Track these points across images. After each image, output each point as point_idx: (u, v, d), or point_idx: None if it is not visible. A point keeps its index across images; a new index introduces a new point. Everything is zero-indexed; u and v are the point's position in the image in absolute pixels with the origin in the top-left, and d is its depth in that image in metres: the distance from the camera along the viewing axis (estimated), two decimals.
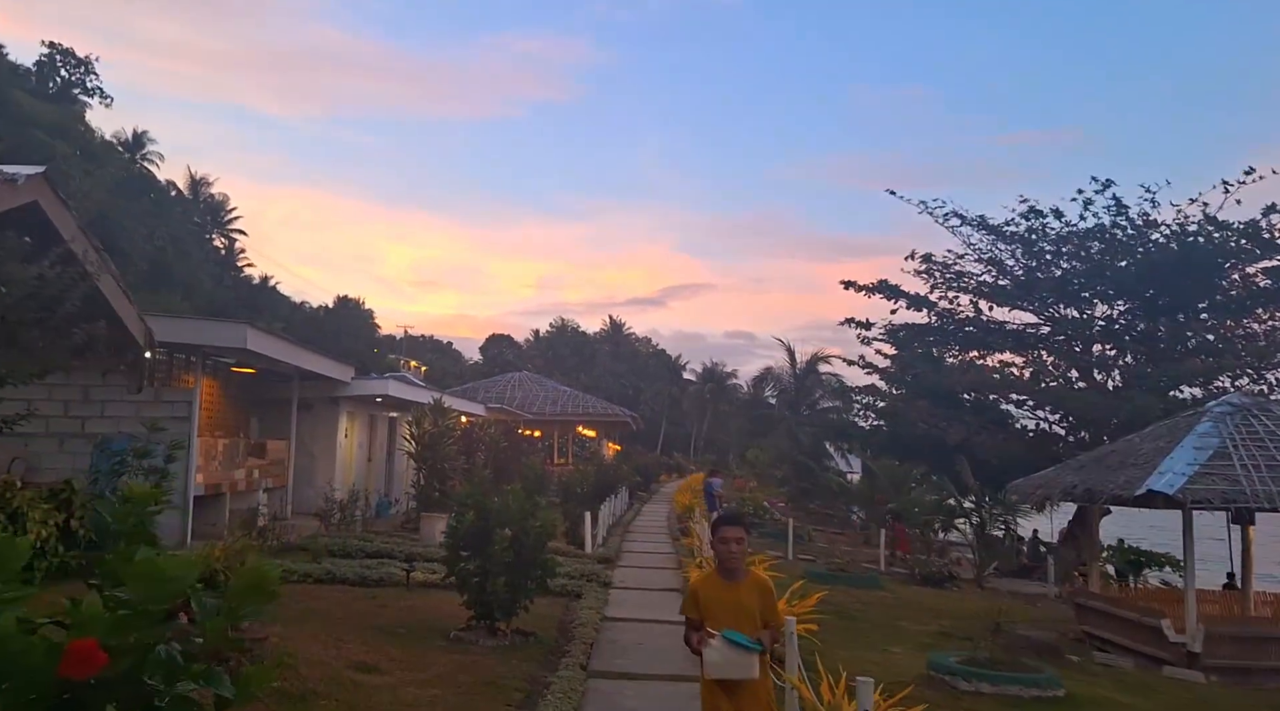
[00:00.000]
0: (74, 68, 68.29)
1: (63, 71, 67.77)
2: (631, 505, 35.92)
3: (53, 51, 66.25)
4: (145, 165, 74.39)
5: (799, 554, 24.53)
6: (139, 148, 75.13)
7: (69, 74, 67.99)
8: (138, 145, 75.04)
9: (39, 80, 64.06)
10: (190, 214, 77.21)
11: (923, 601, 17.87)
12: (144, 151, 75.40)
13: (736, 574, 5.35)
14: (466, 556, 9.99)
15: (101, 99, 70.84)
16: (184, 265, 60.55)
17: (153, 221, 55.21)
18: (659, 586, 15.52)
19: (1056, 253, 26.14)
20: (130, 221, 42.34)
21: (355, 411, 22.06)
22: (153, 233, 44.61)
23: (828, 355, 61.57)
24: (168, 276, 55.29)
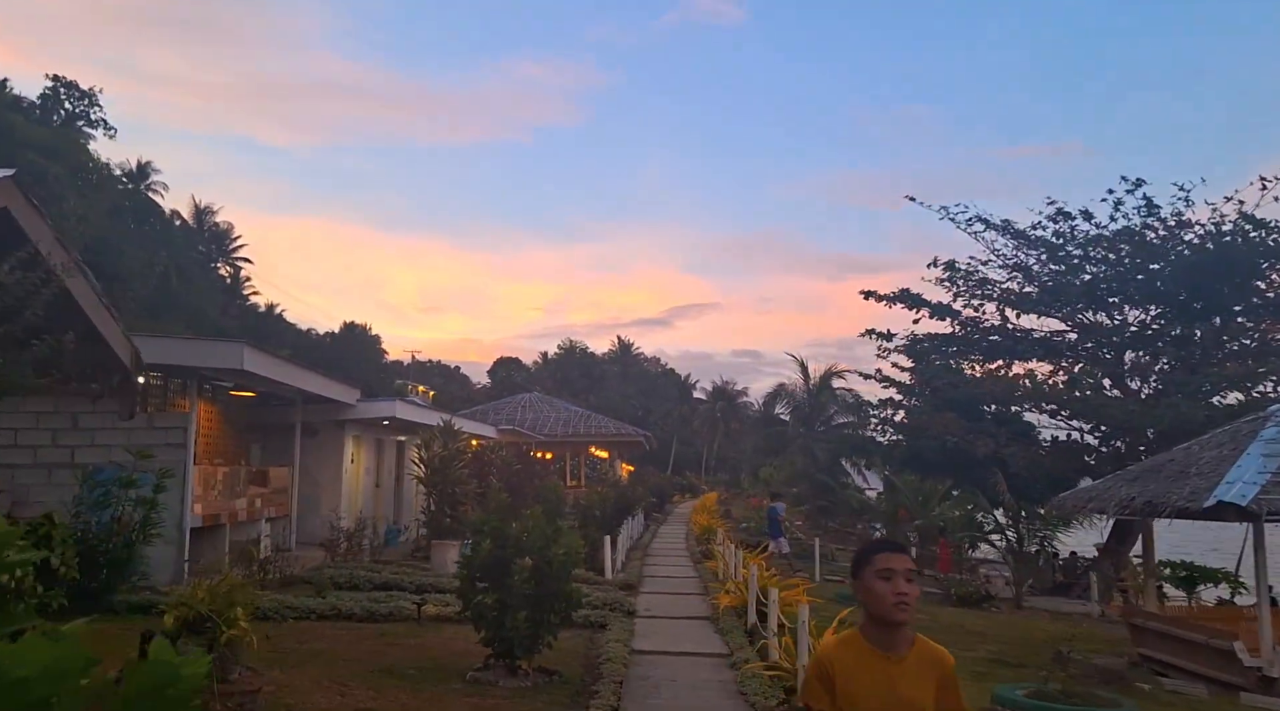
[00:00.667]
0: (77, 100, 68.07)
1: (66, 104, 67.55)
2: (648, 527, 34.95)
3: (56, 84, 66.04)
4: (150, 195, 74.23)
5: (825, 574, 23.55)
6: (143, 178, 74.87)
7: (73, 106, 67.78)
8: (142, 175, 74.76)
9: (43, 113, 63.82)
10: (195, 242, 76.97)
11: (964, 624, 16.89)
12: (148, 181, 75.20)
13: (900, 641, 3.27)
14: (483, 588, 9.10)
15: (105, 130, 70.58)
16: (189, 293, 60.13)
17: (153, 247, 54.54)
18: (686, 614, 14.57)
19: (1084, 257, 25.21)
20: (131, 247, 41.65)
21: (361, 436, 21.20)
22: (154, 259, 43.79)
23: (841, 370, 60.60)
24: (173, 304, 54.82)
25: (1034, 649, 14.45)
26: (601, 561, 18.27)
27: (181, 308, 54.22)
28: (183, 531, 13.37)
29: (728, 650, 11.47)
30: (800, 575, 22.60)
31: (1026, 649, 14.38)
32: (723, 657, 11.07)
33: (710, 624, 13.55)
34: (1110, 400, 23.30)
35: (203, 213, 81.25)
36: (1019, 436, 27.71)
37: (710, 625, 13.46)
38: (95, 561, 9.29)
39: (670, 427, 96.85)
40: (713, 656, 11.20)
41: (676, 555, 25.05)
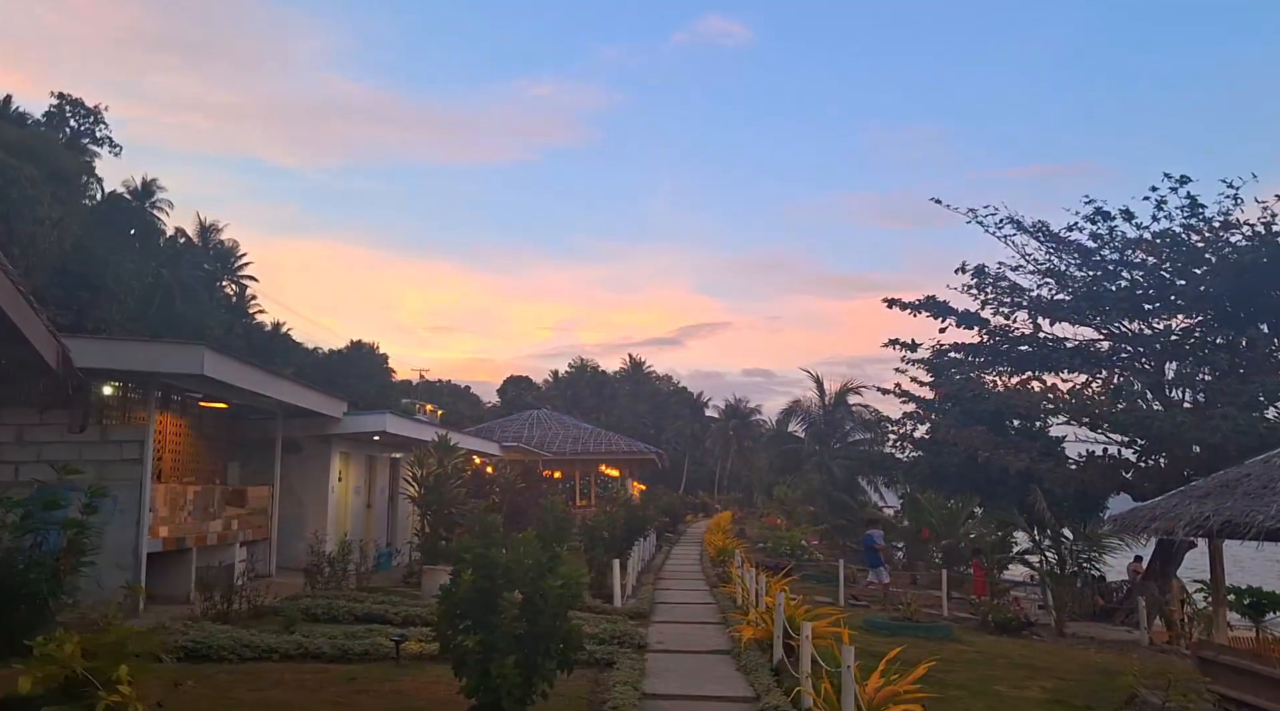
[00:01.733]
0: (83, 118, 67.43)
1: (72, 122, 66.91)
2: (660, 548, 33.43)
3: (62, 102, 65.38)
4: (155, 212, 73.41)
5: (850, 597, 21.99)
6: (148, 196, 74.11)
7: (78, 124, 67.13)
8: (147, 193, 73.86)
9: (49, 130, 63.10)
10: (200, 260, 76.09)
11: (1007, 654, 15.31)
12: (153, 199, 74.44)
13: None
14: (465, 627, 7.62)
15: (111, 148, 69.98)
16: (193, 311, 59.20)
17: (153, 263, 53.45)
18: (704, 647, 13.06)
19: (1121, 261, 23.69)
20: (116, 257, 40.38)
21: (351, 452, 19.80)
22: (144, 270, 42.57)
23: (858, 386, 59.02)
24: (176, 323, 53.79)
25: (1093, 686, 12.89)
26: (610, 587, 16.79)
27: (184, 326, 53.16)
28: (138, 557, 11.97)
29: (753, 692, 9.99)
30: (822, 600, 21.07)
31: (1085, 686, 12.83)
32: (749, 703, 9.58)
33: (731, 660, 12.05)
34: (1155, 412, 21.72)
35: (207, 230, 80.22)
36: (1047, 452, 26.20)
37: (731, 661, 11.96)
38: (9, 596, 7.87)
39: (682, 446, 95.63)
40: (737, 702, 9.72)
41: (691, 578, 23.53)
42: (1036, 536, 20.65)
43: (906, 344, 27.62)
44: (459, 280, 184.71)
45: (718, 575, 22.64)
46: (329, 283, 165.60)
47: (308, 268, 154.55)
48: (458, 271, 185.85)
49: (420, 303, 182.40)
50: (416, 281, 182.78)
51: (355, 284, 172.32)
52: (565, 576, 7.80)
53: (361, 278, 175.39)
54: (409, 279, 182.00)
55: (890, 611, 18.58)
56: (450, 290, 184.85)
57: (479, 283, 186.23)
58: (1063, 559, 19.11)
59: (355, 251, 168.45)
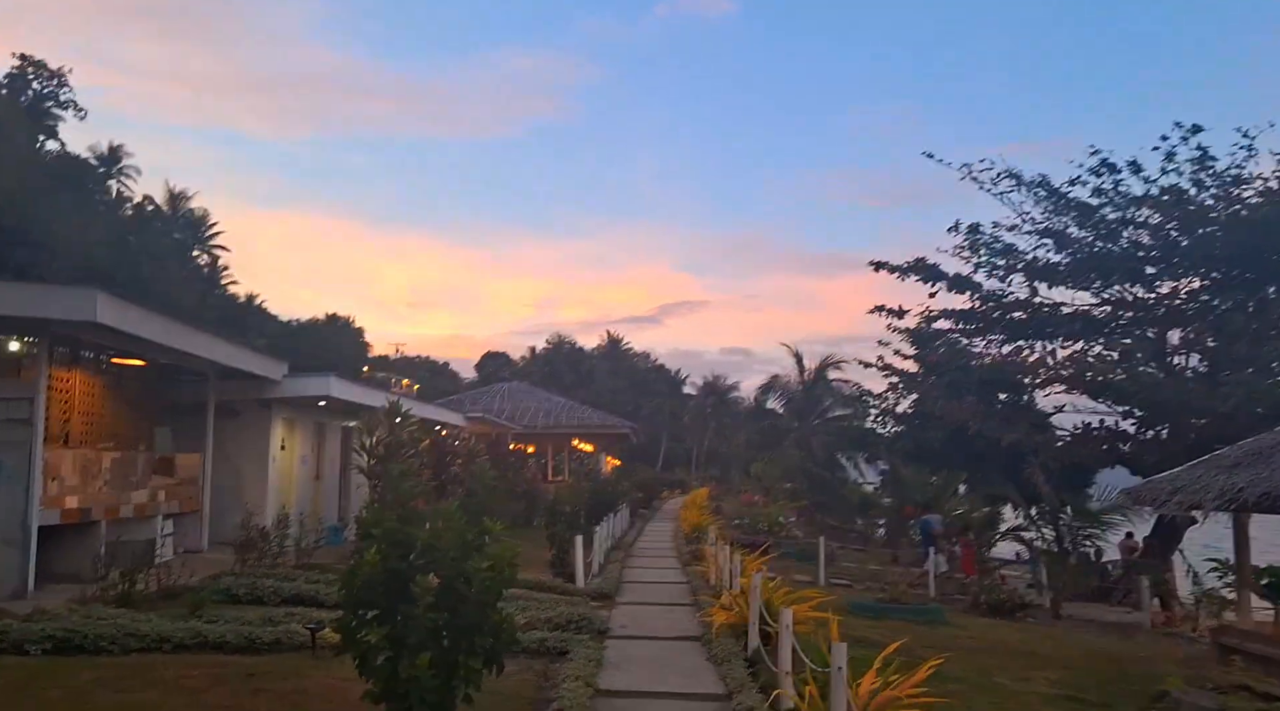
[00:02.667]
0: (46, 80, 65.00)
1: (35, 84, 64.51)
2: (633, 524, 32.15)
3: (24, 64, 62.90)
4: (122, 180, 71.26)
5: (831, 577, 20.72)
6: (115, 162, 72.01)
7: (41, 86, 64.74)
8: (113, 160, 71.80)
9: (10, 93, 60.80)
10: (170, 229, 74.08)
11: (1004, 640, 14.07)
12: (120, 166, 72.32)
13: None
14: (371, 618, 6.21)
15: (75, 112, 67.67)
16: (162, 281, 57.42)
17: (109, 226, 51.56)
18: (672, 633, 11.71)
19: (1123, 221, 22.34)
20: (54, 210, 38.38)
21: (296, 419, 18.28)
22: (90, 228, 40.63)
23: (838, 361, 57.82)
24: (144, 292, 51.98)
25: (1103, 677, 11.64)
26: (572, 565, 15.42)
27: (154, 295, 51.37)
28: (27, 530, 10.48)
29: (724, 688, 8.65)
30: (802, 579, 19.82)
31: (1095, 677, 11.57)
32: (719, 702, 8.24)
33: (701, 648, 10.71)
34: (1162, 379, 20.43)
35: (177, 198, 78.15)
36: (1037, 425, 25.00)
37: (702, 650, 10.61)
38: None
39: (660, 423, 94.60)
40: (706, 699, 8.37)
41: (663, 556, 22.21)
42: (1032, 512, 19.43)
43: (893, 310, 26.28)
44: (439, 255, 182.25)
45: (691, 553, 21.35)
46: (306, 256, 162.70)
47: (285, 241, 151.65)
48: (438, 246, 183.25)
49: (400, 278, 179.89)
50: (396, 256, 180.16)
51: (333, 258, 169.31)
52: (495, 557, 6.40)
53: (340, 252, 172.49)
54: (388, 253, 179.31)
55: (875, 591, 17.34)
56: (430, 265, 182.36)
57: (459, 258, 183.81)
58: (1060, 536, 17.87)
59: (333, 225, 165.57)
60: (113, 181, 73.78)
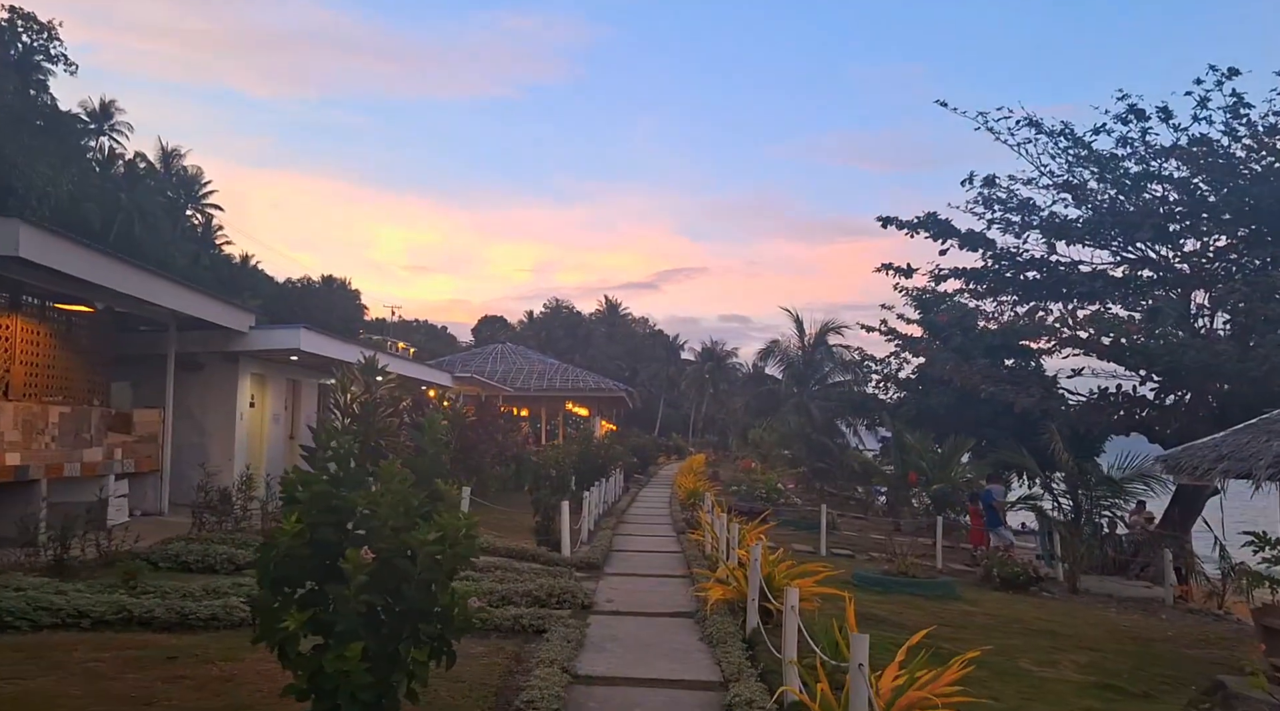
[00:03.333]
0: (36, 33, 63.36)
1: (24, 37, 62.89)
2: (628, 489, 31.20)
3: (13, 16, 61.24)
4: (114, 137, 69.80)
5: (832, 547, 19.76)
6: (106, 118, 70.53)
7: (31, 39, 63.13)
8: (105, 116, 70.39)
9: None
10: (163, 187, 72.78)
11: (1021, 617, 13.09)
12: (112, 122, 70.84)
13: None
14: (292, 600, 5.15)
15: (66, 66, 66.21)
16: (154, 240, 56.35)
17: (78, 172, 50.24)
18: (663, 608, 10.70)
19: (1146, 174, 21.09)
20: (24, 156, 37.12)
21: (267, 374, 17.20)
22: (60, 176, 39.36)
23: (839, 326, 56.62)
24: (136, 250, 50.83)
25: (1135, 660, 10.67)
26: (558, 533, 14.40)
27: (145, 254, 50.29)
28: None
29: (720, 675, 7.63)
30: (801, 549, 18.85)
31: (1126, 660, 10.59)
32: (713, 691, 7.22)
33: (695, 626, 9.70)
34: (1190, 341, 19.26)
35: (169, 156, 76.83)
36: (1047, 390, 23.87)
37: (695, 628, 9.60)
38: None
39: (658, 389, 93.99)
40: (698, 688, 7.35)
41: (657, 523, 21.24)
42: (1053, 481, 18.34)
43: (901, 269, 25.07)
44: (437, 218, 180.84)
45: (686, 520, 20.38)
46: (303, 218, 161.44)
47: (281, 202, 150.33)
48: (435, 209, 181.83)
49: (397, 241, 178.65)
50: (393, 218, 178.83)
51: (330, 220, 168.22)
52: (446, 527, 5.32)
53: (337, 214, 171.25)
54: (386, 216, 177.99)
55: (880, 562, 16.37)
56: (428, 228, 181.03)
57: (457, 221, 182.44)
58: (1078, 506, 16.85)
59: (330, 186, 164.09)
60: (104, 138, 72.42)
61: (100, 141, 70.93)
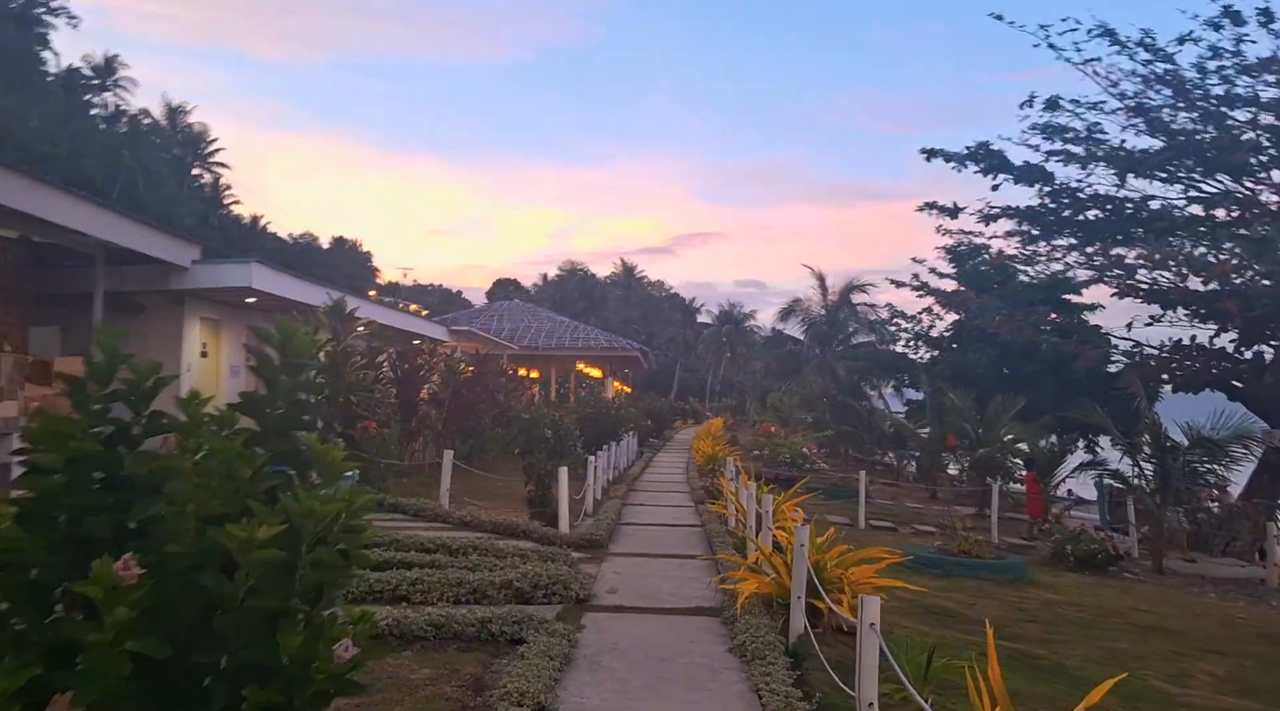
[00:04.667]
0: None
1: None
2: (641, 454, 28.98)
3: None
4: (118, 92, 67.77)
5: (870, 518, 17.52)
6: (109, 74, 68.46)
7: None
8: (109, 71, 68.35)
9: None
10: (169, 145, 70.80)
11: (1113, 607, 10.81)
12: (115, 77, 68.78)
13: None
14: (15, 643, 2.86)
15: (69, 20, 64.28)
16: (159, 198, 54.49)
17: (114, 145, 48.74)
18: (679, 602, 8.43)
19: (1231, 97, 18.47)
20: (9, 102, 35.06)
21: (222, 320, 14.97)
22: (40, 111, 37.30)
23: (864, 284, 54.20)
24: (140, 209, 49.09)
25: None
26: (554, 504, 12.16)
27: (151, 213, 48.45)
28: None
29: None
30: (837, 521, 16.61)
31: (1276, 670, 8.29)
32: None
33: (721, 628, 7.45)
34: None
35: (175, 112, 74.70)
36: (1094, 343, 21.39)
37: (721, 632, 7.35)
38: None
39: (674, 352, 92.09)
40: None
41: (672, 492, 19.01)
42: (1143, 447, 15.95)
43: (946, 208, 22.49)
44: (451, 182, 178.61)
45: (705, 488, 18.12)
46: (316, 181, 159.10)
47: (296, 166, 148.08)
48: (450, 173, 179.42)
49: (414, 205, 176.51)
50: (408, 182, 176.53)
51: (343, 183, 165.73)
52: (306, 513, 2.96)
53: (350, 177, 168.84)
54: (400, 180, 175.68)
55: (935, 539, 14.10)
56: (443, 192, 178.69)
57: (472, 184, 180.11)
58: (1165, 472, 14.49)
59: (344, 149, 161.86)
60: (108, 93, 70.31)
61: (104, 97, 68.98)
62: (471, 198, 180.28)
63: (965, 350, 31.96)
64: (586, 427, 20.15)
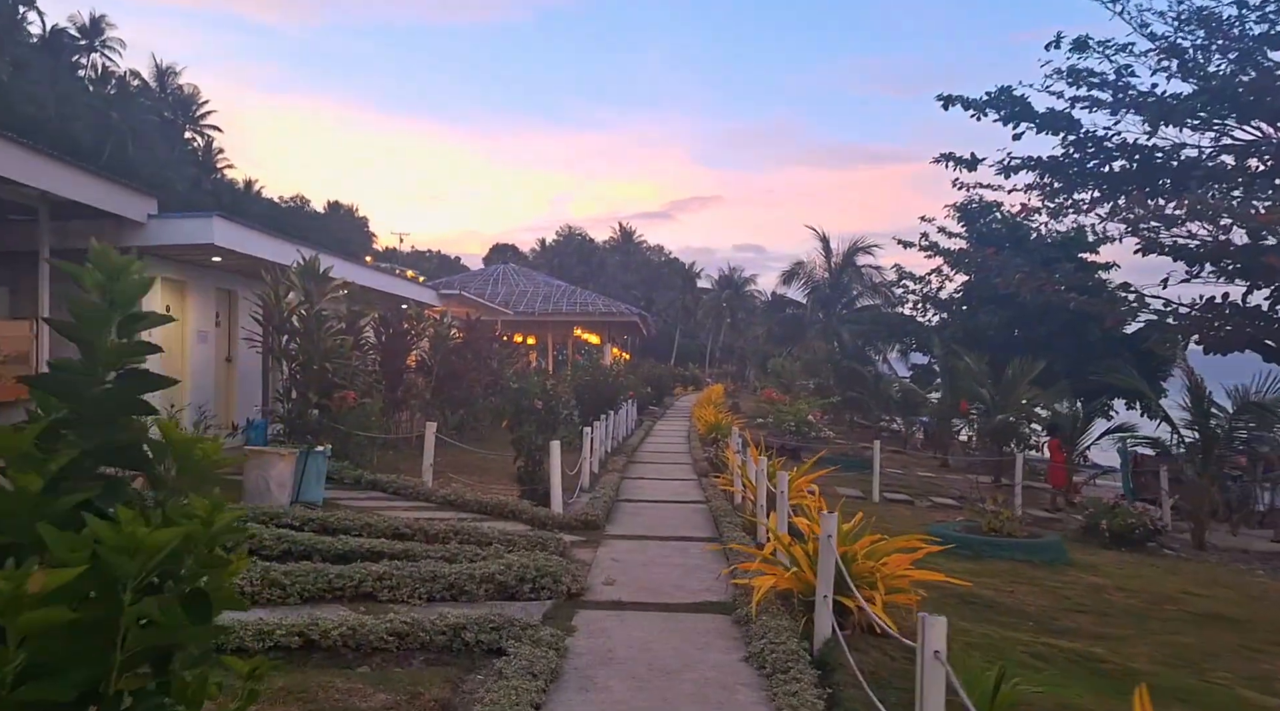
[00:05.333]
0: None
1: None
2: (641, 423, 27.98)
3: None
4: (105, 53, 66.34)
5: (884, 490, 16.50)
6: (97, 34, 66.91)
7: None
8: (96, 32, 66.79)
9: None
10: (159, 108, 69.30)
11: (1165, 590, 9.81)
12: (103, 37, 67.24)
13: None
14: None
15: None
16: (149, 162, 53.16)
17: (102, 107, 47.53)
18: (684, 597, 7.40)
19: (1266, 37, 17.21)
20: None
21: (188, 281, 13.85)
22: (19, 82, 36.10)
23: (869, 245, 52.95)
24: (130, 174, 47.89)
25: None
26: (545, 481, 11.12)
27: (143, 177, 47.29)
28: None
29: None
30: (849, 494, 15.63)
31: None
32: None
33: (734, 630, 6.43)
34: None
35: (165, 74, 73.10)
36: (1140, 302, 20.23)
37: (735, 635, 6.33)
38: None
39: (673, 318, 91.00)
40: None
41: (674, 463, 17.99)
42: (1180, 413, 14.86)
43: (962, 159, 21.18)
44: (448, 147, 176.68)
45: (708, 460, 17.10)
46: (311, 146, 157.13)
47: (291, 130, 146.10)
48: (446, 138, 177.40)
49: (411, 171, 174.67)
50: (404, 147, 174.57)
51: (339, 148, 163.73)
52: (123, 543, 1.82)
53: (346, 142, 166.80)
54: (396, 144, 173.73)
55: (962, 516, 13.08)
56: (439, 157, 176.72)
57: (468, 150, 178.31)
58: (1208, 439, 13.43)
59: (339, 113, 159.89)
60: (95, 55, 68.75)
61: (91, 58, 67.43)
62: (469, 163, 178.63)
63: (976, 312, 30.87)
64: (583, 396, 19.09)
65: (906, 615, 6.47)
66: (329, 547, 7.57)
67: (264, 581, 6.37)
